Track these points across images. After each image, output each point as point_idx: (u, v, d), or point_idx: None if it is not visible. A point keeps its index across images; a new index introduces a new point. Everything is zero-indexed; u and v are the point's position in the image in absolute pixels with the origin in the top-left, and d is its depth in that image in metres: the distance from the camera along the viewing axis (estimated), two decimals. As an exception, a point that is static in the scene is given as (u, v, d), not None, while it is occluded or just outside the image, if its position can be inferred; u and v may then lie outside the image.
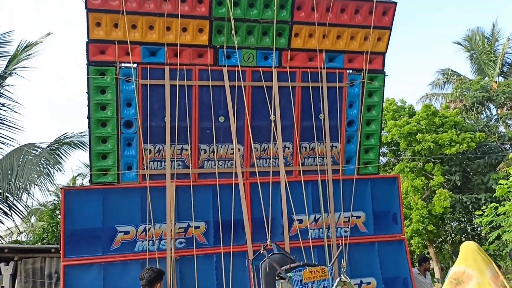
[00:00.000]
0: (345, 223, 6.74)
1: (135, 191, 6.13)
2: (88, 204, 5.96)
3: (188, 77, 6.17)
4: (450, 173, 21.52)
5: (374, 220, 6.86)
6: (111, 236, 5.97)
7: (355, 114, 6.88)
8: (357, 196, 6.79)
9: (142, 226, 6.06)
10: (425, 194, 21.03)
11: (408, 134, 20.58)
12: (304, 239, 6.48)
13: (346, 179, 6.84)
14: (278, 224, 6.48)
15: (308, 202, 6.61)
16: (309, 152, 6.81)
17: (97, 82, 5.90)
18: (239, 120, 6.41)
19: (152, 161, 6.25)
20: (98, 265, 5.85)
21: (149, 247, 6.04)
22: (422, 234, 20.53)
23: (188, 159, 6.36)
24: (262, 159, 6.63)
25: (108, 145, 6.08)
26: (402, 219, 6.99)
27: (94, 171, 6.08)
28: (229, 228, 6.24)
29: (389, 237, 6.85)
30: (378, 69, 6.85)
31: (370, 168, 7.08)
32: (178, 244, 6.18)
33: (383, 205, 6.95)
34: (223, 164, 6.51)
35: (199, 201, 6.31)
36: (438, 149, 20.41)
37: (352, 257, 6.59)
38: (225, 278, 6.07)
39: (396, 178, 7.22)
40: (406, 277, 6.73)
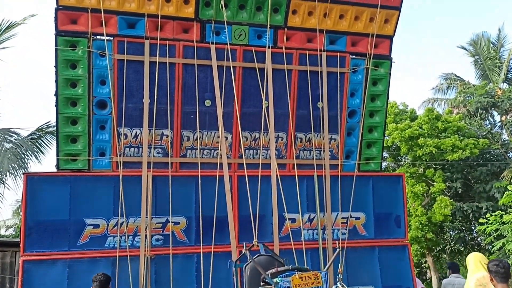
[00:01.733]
0: (342, 224, 6.05)
1: (108, 180, 5.44)
2: (54, 192, 5.28)
3: (171, 54, 5.49)
4: (451, 180, 20.88)
5: (375, 223, 6.17)
6: (78, 229, 5.29)
7: (357, 104, 6.21)
8: (357, 195, 6.11)
9: (114, 219, 5.38)
10: (425, 200, 20.38)
11: (410, 138, 19.95)
12: (297, 240, 5.79)
13: (345, 176, 6.16)
14: (268, 223, 5.79)
15: (302, 199, 5.93)
16: (305, 144, 6.13)
17: (67, 55, 5.22)
18: (227, 105, 5.74)
19: (127, 147, 5.56)
20: (63, 261, 5.17)
21: (121, 243, 5.34)
22: (421, 241, 19.88)
23: (168, 146, 5.67)
24: (252, 149, 5.94)
25: (78, 127, 5.40)
26: (406, 223, 6.32)
27: (62, 156, 5.39)
28: (212, 225, 5.56)
29: (391, 242, 6.17)
30: (384, 54, 6.19)
31: (372, 165, 6.40)
32: (154, 241, 5.49)
33: (385, 206, 6.27)
34: (208, 153, 5.82)
35: (180, 194, 5.62)
36: (440, 155, 19.77)
37: (349, 262, 5.90)
38: (206, 281, 5.38)
39: (401, 177, 6.54)
40: (409, 286, 6.03)
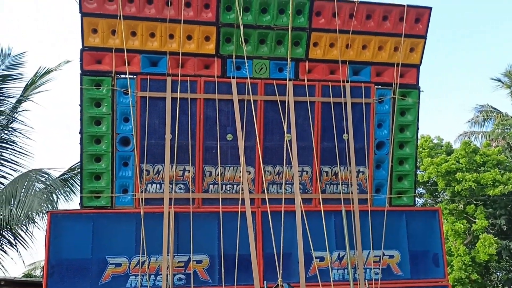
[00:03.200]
0: (375, 263, 5.67)
1: (130, 217, 5.37)
2: (77, 230, 5.25)
3: (192, 90, 5.51)
4: (494, 216, 19.75)
5: (410, 261, 5.76)
6: (100, 268, 5.18)
7: (386, 135, 5.97)
8: (390, 231, 5.76)
9: (136, 258, 5.25)
10: (467, 239, 19.27)
11: (447, 173, 19.19)
12: (325, 280, 5.45)
13: (376, 211, 5.84)
14: (294, 261, 5.50)
15: (330, 236, 5.63)
16: (331, 178, 5.90)
17: (92, 94, 5.33)
18: (249, 139, 5.64)
19: (150, 183, 5.51)
20: None
21: (143, 283, 5.19)
22: (465, 283, 18.64)
23: (190, 182, 5.58)
24: (275, 184, 5.77)
25: (101, 164, 5.41)
26: (445, 261, 5.86)
27: (85, 193, 5.39)
28: (236, 264, 5.33)
29: (429, 282, 5.71)
30: (411, 83, 5.98)
31: (404, 199, 6.06)
32: (176, 280, 5.30)
33: (421, 243, 5.86)
34: (230, 188, 5.68)
35: (202, 231, 5.47)
36: (480, 190, 18.83)
37: (384, 305, 5.49)
38: None
39: (437, 211, 6.13)
40: (451, 331, 5.51)
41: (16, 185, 8.52)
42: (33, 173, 8.91)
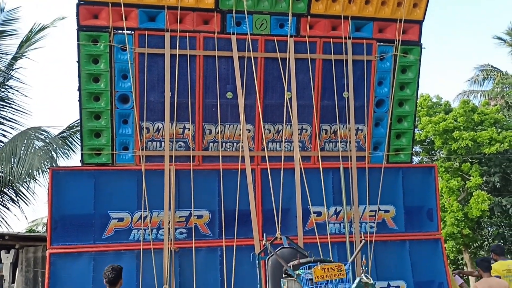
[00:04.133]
0: (371, 217, 5.83)
1: (131, 174, 5.44)
2: (79, 187, 5.33)
3: (191, 46, 5.43)
4: (488, 174, 20.06)
5: (405, 216, 5.92)
6: (103, 223, 5.32)
7: (386, 93, 5.96)
8: (386, 187, 5.88)
9: (138, 213, 5.37)
10: (461, 196, 19.67)
11: (444, 132, 19.27)
12: (322, 234, 5.63)
13: (373, 168, 5.93)
14: (292, 216, 5.65)
15: (327, 192, 5.76)
16: (330, 136, 5.95)
17: (89, 50, 5.25)
18: (249, 97, 5.63)
19: (150, 141, 5.55)
20: (88, 254, 5.21)
21: (145, 236, 5.34)
22: (457, 238, 19.22)
23: (190, 140, 5.62)
24: (275, 142, 5.82)
25: (101, 122, 5.42)
26: (438, 216, 6.02)
27: (86, 151, 5.43)
28: (236, 219, 5.47)
29: (423, 235, 5.90)
30: (413, 40, 5.92)
31: (402, 156, 6.14)
32: (178, 234, 5.46)
33: (416, 198, 6.00)
34: (230, 146, 5.73)
35: (203, 188, 5.57)
36: (476, 148, 19.01)
37: (378, 256, 5.69)
38: (229, 274, 5.30)
39: (433, 168, 6.24)
40: (442, 281, 5.75)
41: (16, 143, 8.55)
42: (32, 131, 8.92)
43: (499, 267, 6.19)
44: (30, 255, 8.18)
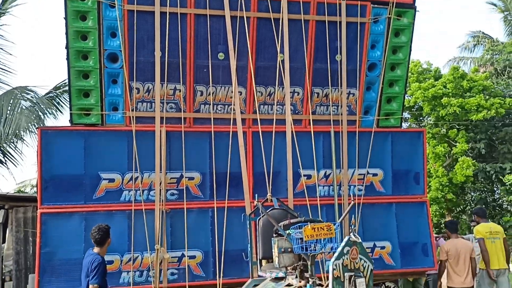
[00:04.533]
0: (359, 180, 5.93)
1: (121, 135, 5.41)
2: (68, 147, 5.29)
3: (182, 4, 5.29)
4: (474, 140, 20.39)
5: (393, 179, 6.04)
6: (94, 183, 5.32)
7: (378, 56, 5.93)
8: (375, 151, 5.96)
9: (129, 174, 5.38)
10: (446, 161, 20.03)
11: (433, 98, 19.37)
12: (312, 196, 5.71)
13: (363, 132, 5.99)
14: (283, 179, 5.72)
15: (318, 155, 5.81)
16: (322, 99, 5.94)
17: (76, 6, 5.08)
18: (241, 58, 5.55)
19: (140, 101, 5.48)
20: (79, 214, 5.24)
21: (137, 197, 5.37)
22: (440, 202, 19.73)
23: (182, 101, 5.57)
24: (266, 105, 5.80)
25: (90, 81, 5.33)
26: (425, 179, 6.16)
27: (75, 110, 5.36)
28: (227, 181, 5.51)
29: (409, 198, 6.04)
30: (407, 2, 5.83)
31: (392, 121, 6.19)
32: (169, 195, 5.50)
33: (404, 162, 6.11)
34: (222, 109, 5.70)
35: (194, 150, 5.57)
36: (464, 115, 19.21)
37: (365, 218, 5.84)
38: (220, 234, 5.40)
39: (422, 132, 6.33)
40: (426, 242, 5.95)
41: (2, 103, 8.38)
42: (18, 90, 8.73)
43: (483, 229, 6.48)
44: (20, 216, 8.19)
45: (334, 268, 3.01)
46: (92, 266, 4.31)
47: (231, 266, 5.37)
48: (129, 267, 5.22)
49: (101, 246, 4.49)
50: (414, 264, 5.94)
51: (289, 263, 3.67)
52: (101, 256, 4.43)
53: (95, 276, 4.28)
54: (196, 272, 5.39)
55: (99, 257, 4.39)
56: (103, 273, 4.36)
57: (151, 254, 5.25)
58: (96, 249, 4.48)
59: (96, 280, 4.27)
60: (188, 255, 5.37)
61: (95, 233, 4.48)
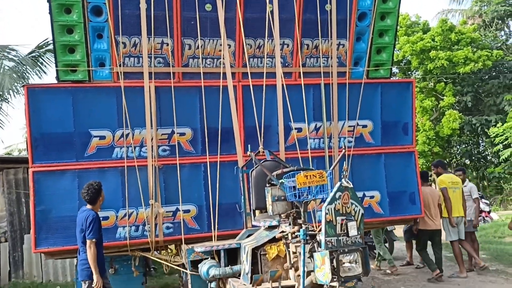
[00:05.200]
0: (349, 132, 5.99)
1: (110, 91, 5.33)
2: (56, 105, 5.20)
3: (167, -47, 5.08)
4: (461, 94, 20.58)
5: (382, 130, 6.11)
6: (84, 141, 5.28)
7: (368, 5, 5.84)
8: (365, 102, 5.99)
9: (119, 131, 5.35)
10: (433, 115, 20.27)
11: (421, 52, 19.32)
12: (303, 149, 5.78)
13: (353, 83, 5.99)
14: (274, 132, 5.74)
15: (308, 108, 5.83)
16: (312, 51, 5.88)
17: (56, -45, 4.85)
18: (230, 10, 5.42)
19: (127, 56, 5.37)
20: (72, 172, 5.24)
21: (129, 154, 5.37)
22: (427, 155, 20.11)
23: (170, 55, 5.47)
24: (256, 58, 5.73)
25: (74, 36, 5.18)
26: (414, 130, 6.24)
27: (61, 67, 5.24)
28: (218, 135, 5.53)
29: (397, 149, 6.15)
30: (397, -51, 5.68)
31: (381, 71, 6.19)
32: (161, 151, 5.51)
33: (393, 113, 6.16)
34: (211, 62, 5.63)
35: (184, 105, 5.53)
36: (452, 68, 19.25)
37: (355, 169, 5.94)
38: (213, 188, 5.47)
39: (411, 83, 6.33)
40: (414, 191, 6.12)
41: (-17, 63, 8.13)
42: (0, 48, 8.46)
43: (446, 179, 6.99)
44: (11, 177, 8.18)
45: (327, 213, 3.10)
46: (87, 222, 4.38)
47: (225, 218, 5.48)
48: (125, 222, 5.29)
49: (93, 204, 4.55)
50: (402, 212, 6.13)
51: (282, 211, 3.77)
52: (95, 211, 4.50)
53: (91, 231, 4.36)
54: (191, 226, 5.50)
55: (93, 212, 4.46)
56: (99, 228, 4.45)
57: (146, 209, 5.32)
58: (89, 206, 4.54)
59: (93, 235, 4.36)
60: (182, 209, 5.45)
61: (85, 193, 4.52)
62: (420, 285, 6.61)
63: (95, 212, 4.47)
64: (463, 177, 7.61)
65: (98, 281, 4.35)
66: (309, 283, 3.30)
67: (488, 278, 6.72)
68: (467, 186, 7.55)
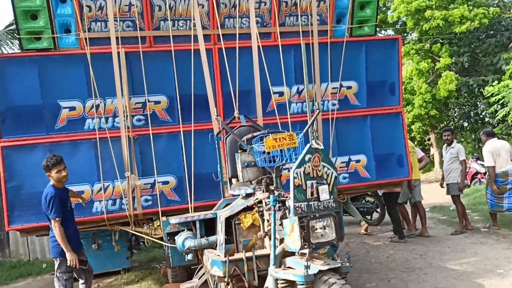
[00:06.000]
0: (333, 95, 5.73)
1: (78, 59, 5.04)
2: (22, 76, 4.92)
3: None
4: (458, 54, 20.12)
5: (367, 91, 5.82)
6: (54, 113, 5.03)
7: (350, -44, 5.46)
8: (349, 62, 5.69)
9: (90, 101, 5.09)
10: (430, 78, 19.89)
11: (416, 12, 18.78)
12: (284, 114, 5.53)
13: (336, 43, 5.67)
14: (253, 98, 5.47)
15: (289, 71, 5.55)
16: (291, 9, 5.54)
17: None
18: (200, -35, 5.06)
19: (93, 21, 5.05)
20: (43, 146, 5.01)
21: (101, 125, 5.13)
22: (424, 119, 19.91)
23: (138, 18, 5.15)
24: (232, 18, 5.40)
25: (35, 1, 4.85)
26: (400, 90, 5.96)
27: (24, 35, 4.93)
28: (194, 103, 5.28)
29: (384, 110, 5.88)
30: None
31: (365, 29, 5.85)
32: (136, 121, 5.26)
33: (379, 73, 5.87)
34: (183, 24, 5.30)
35: (157, 72, 5.25)
36: (448, 28, 18.73)
37: (340, 133, 5.72)
38: (192, 157, 5.27)
39: (396, 40, 6.00)
40: (401, 153, 5.90)
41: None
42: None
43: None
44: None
45: (295, 177, 2.89)
46: (47, 201, 4.15)
47: (205, 189, 5.29)
48: (101, 196, 5.11)
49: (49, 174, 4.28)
50: (390, 175, 5.93)
51: (253, 177, 3.57)
52: (54, 187, 4.25)
53: (53, 210, 4.13)
54: (170, 197, 5.33)
55: (51, 189, 4.21)
56: (59, 204, 4.18)
57: (123, 182, 5.14)
58: (51, 181, 4.30)
59: (55, 213, 4.13)
60: (160, 181, 5.27)
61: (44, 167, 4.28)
62: (410, 248, 6.51)
63: (53, 189, 4.23)
64: (450, 138, 7.40)
65: (72, 259, 4.17)
66: (280, 251, 3.12)
67: (479, 239, 6.61)
68: (455, 148, 7.33)
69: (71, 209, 4.44)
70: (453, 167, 7.23)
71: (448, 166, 7.31)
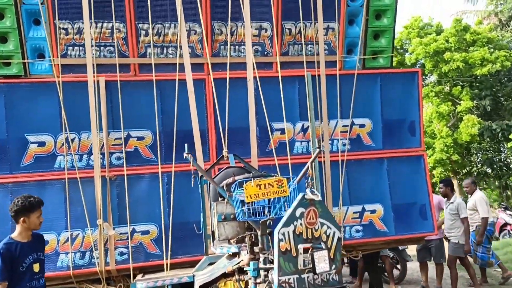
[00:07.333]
0: (343, 133, 4.97)
1: (50, 88, 4.44)
2: None
3: None
4: (479, 97, 19.32)
5: (383, 130, 5.05)
6: (20, 148, 4.40)
7: (361, -19, 4.87)
8: (361, 97, 4.98)
9: (62, 135, 4.43)
10: (451, 121, 19.05)
11: (435, 54, 18.24)
12: (286, 155, 4.77)
13: (346, 75, 4.98)
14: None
15: (293, 105, 4.86)
16: (295, 37, 4.92)
17: None
18: (193, -13, 4.52)
19: (70, 45, 4.50)
20: (4, 187, 4.34)
21: (74, 163, 4.45)
22: (445, 164, 18.86)
23: (122, 43, 4.57)
24: (231, 45, 4.78)
25: (5, 22, 4.36)
26: (421, 129, 5.17)
27: (-10, 60, 4.39)
28: (184, 140, 4.56)
29: (403, 152, 5.07)
30: None
31: (380, 60, 5.18)
32: (115, 160, 4.58)
33: (397, 110, 5.12)
34: (173, 51, 4.70)
35: (142, 104, 4.61)
36: (468, 70, 18.07)
37: (352, 177, 4.92)
38: (177, 201, 4.51)
39: (416, 73, 5.28)
40: (424, 203, 5.02)
41: None
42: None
43: None
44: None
45: (281, 239, 2.09)
46: None
47: (191, 240, 4.49)
48: (67, 247, 4.35)
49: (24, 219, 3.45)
50: (411, 230, 5.02)
51: (232, 235, 2.75)
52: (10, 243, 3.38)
53: None
54: (150, 250, 4.53)
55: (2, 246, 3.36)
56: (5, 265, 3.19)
57: (94, 232, 4.38)
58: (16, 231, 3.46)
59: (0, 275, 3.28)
60: (139, 230, 4.49)
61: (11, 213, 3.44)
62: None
63: (3, 244, 3.38)
64: (444, 191, 6.24)
65: None
66: None
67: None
68: (454, 203, 6.13)
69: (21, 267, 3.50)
70: (454, 225, 6.09)
71: (450, 225, 6.16)
